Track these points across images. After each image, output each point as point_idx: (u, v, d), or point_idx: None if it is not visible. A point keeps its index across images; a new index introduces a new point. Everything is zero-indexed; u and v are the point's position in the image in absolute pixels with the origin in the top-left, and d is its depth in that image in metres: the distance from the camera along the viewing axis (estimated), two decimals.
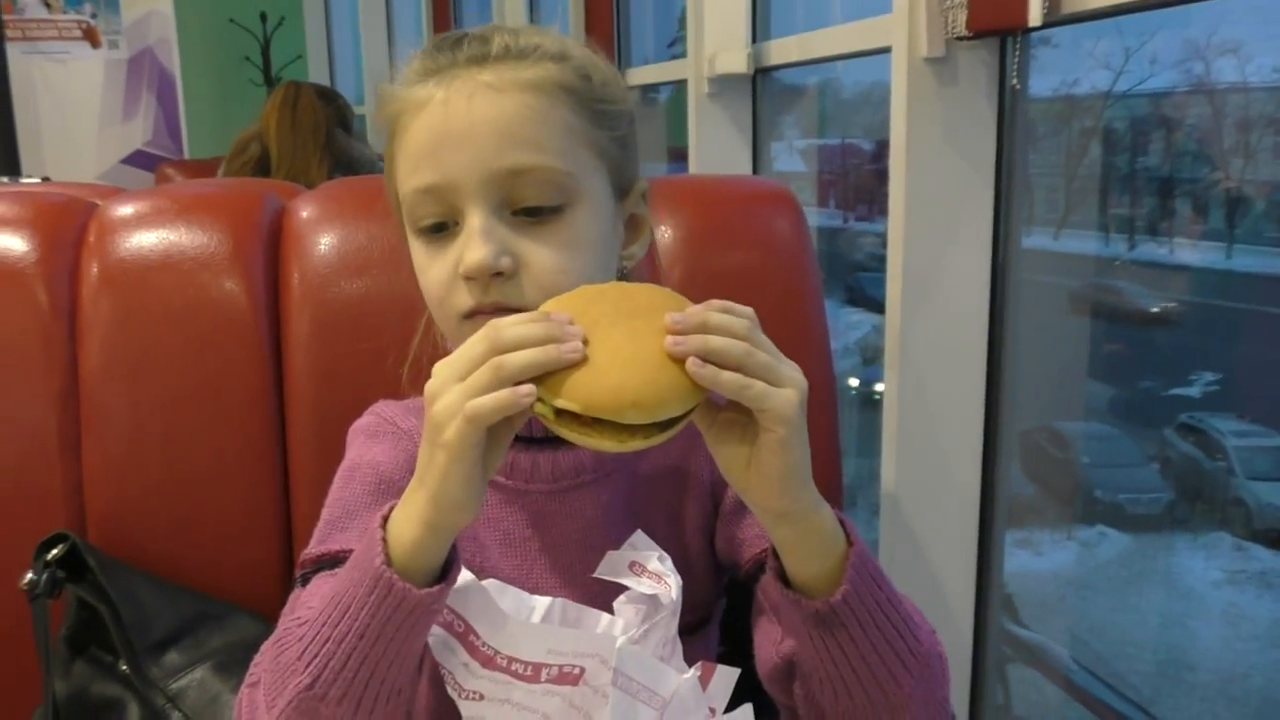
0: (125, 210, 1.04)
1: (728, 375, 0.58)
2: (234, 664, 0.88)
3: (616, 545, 0.73)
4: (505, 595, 0.67)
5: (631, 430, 0.58)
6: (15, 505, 0.97)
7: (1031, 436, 2.19)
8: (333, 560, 0.71)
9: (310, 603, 0.67)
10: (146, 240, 1.01)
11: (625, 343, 0.59)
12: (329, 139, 2.15)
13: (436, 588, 0.60)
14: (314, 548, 0.73)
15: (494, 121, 0.68)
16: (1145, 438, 2.34)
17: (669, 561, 0.69)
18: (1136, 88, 2.15)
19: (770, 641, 0.72)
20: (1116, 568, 2.27)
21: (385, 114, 0.74)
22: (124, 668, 0.86)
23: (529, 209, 0.69)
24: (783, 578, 0.65)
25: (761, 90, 2.23)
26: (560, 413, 0.58)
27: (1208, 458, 2.22)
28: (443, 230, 0.70)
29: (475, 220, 0.68)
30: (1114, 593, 2.25)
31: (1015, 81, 1.34)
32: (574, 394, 0.57)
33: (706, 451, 0.76)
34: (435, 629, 0.66)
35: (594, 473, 0.76)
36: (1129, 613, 2.20)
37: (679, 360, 0.58)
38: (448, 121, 0.69)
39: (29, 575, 0.87)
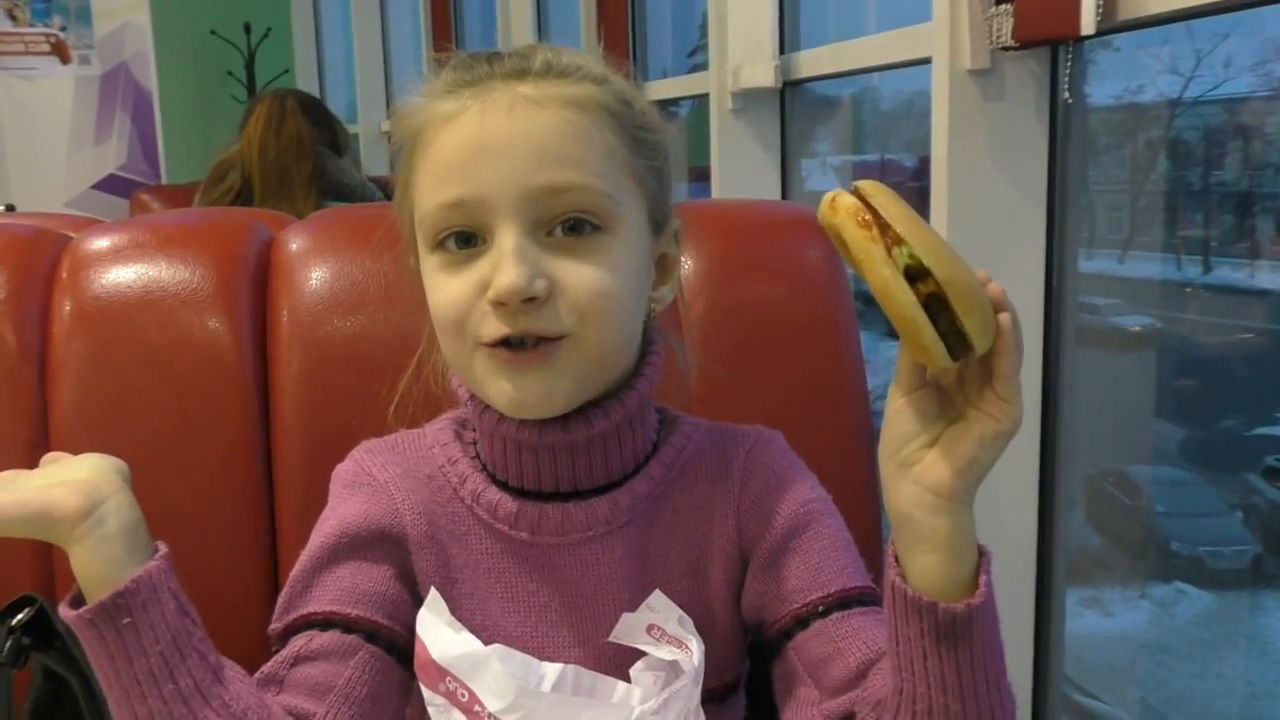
0: (101, 243, 1.07)
1: (1021, 352, 0.63)
2: None
3: (632, 602, 0.75)
4: (512, 661, 0.69)
5: (940, 337, 0.62)
6: None
7: (1097, 483, 2.19)
8: (305, 623, 0.74)
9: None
10: (124, 275, 1.04)
11: (962, 260, 0.63)
12: (318, 167, 2.13)
13: (89, 604, 0.65)
14: (278, 619, 0.76)
15: (534, 136, 0.70)
16: (1226, 483, 2.33)
17: (690, 624, 0.71)
18: (1209, 93, 2.17)
19: (808, 703, 0.73)
20: (1197, 630, 2.26)
21: (406, 126, 0.75)
22: None
23: (566, 228, 0.71)
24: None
25: (791, 104, 2.26)
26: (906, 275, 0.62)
27: None
28: (466, 247, 0.72)
29: (508, 240, 0.69)
30: (1195, 658, 2.23)
31: (1067, 94, 1.36)
32: (943, 263, 0.61)
33: (734, 501, 0.79)
34: (436, 699, 0.68)
35: (608, 524, 0.77)
36: (1213, 681, 2.19)
37: (997, 307, 0.63)
38: (484, 133, 0.71)
39: None
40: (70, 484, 0.67)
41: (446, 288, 0.72)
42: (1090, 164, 1.74)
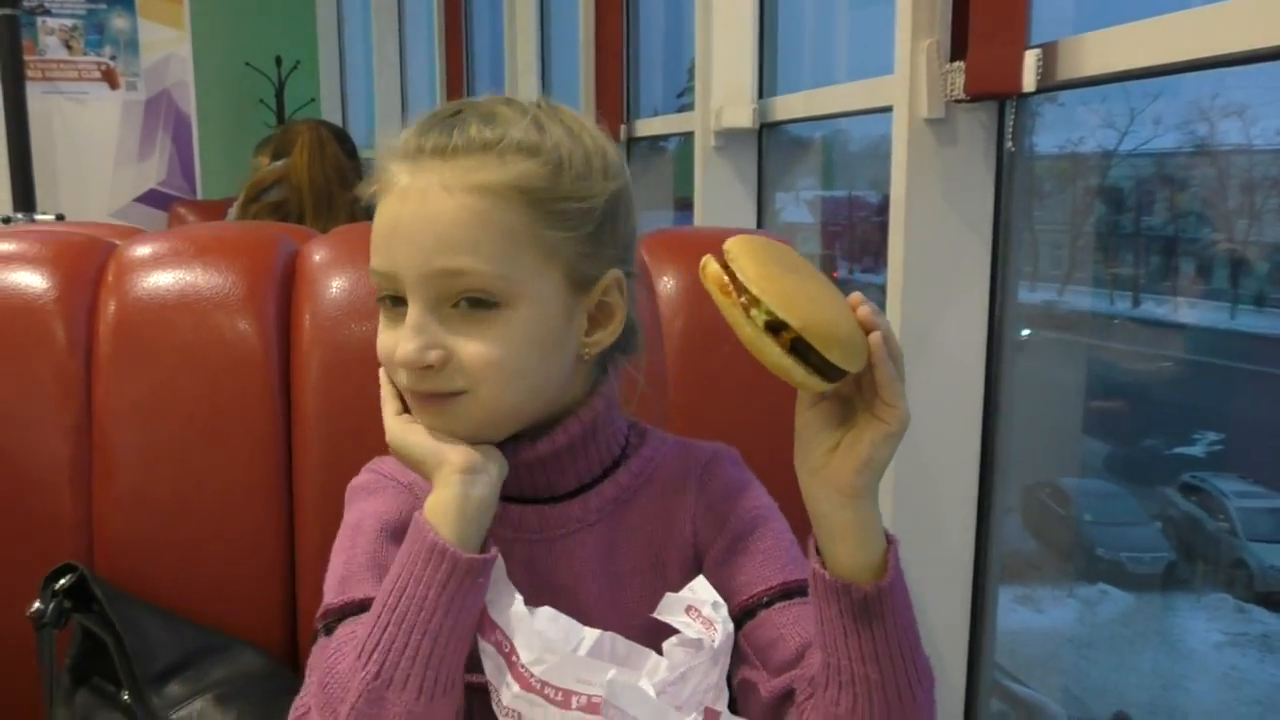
0: (143, 251, 1.08)
1: (895, 362, 0.66)
2: (234, 695, 0.90)
3: (601, 590, 0.78)
4: (557, 623, 0.70)
5: (813, 370, 0.64)
6: (26, 535, 1.00)
7: (1034, 492, 2.21)
8: (358, 607, 0.73)
9: (343, 646, 0.70)
10: (163, 280, 1.05)
11: (826, 292, 0.65)
12: (355, 191, 2.15)
13: (487, 553, 0.69)
14: (335, 598, 0.75)
15: (437, 223, 0.71)
16: (1148, 496, 2.35)
17: (724, 610, 0.72)
18: (1141, 147, 2.19)
19: (756, 683, 0.75)
20: (1117, 626, 2.28)
21: (373, 180, 0.77)
22: (126, 697, 0.88)
23: (468, 302, 0.71)
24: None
25: (767, 143, 2.28)
26: (766, 330, 0.64)
27: (1210, 518, 2.23)
28: (398, 303, 0.74)
29: (411, 314, 0.72)
30: (1114, 652, 2.25)
31: (1010, 144, 1.38)
32: (795, 312, 0.63)
33: (690, 508, 0.81)
34: (487, 647, 0.69)
35: (579, 523, 0.79)
36: (1129, 672, 2.20)
37: (865, 327, 0.65)
38: (401, 214, 0.72)
39: (36, 604, 0.89)
40: (463, 448, 0.72)
41: (381, 336, 0.75)
42: (1035, 206, 1.76)
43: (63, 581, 0.90)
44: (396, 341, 0.72)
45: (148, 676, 0.89)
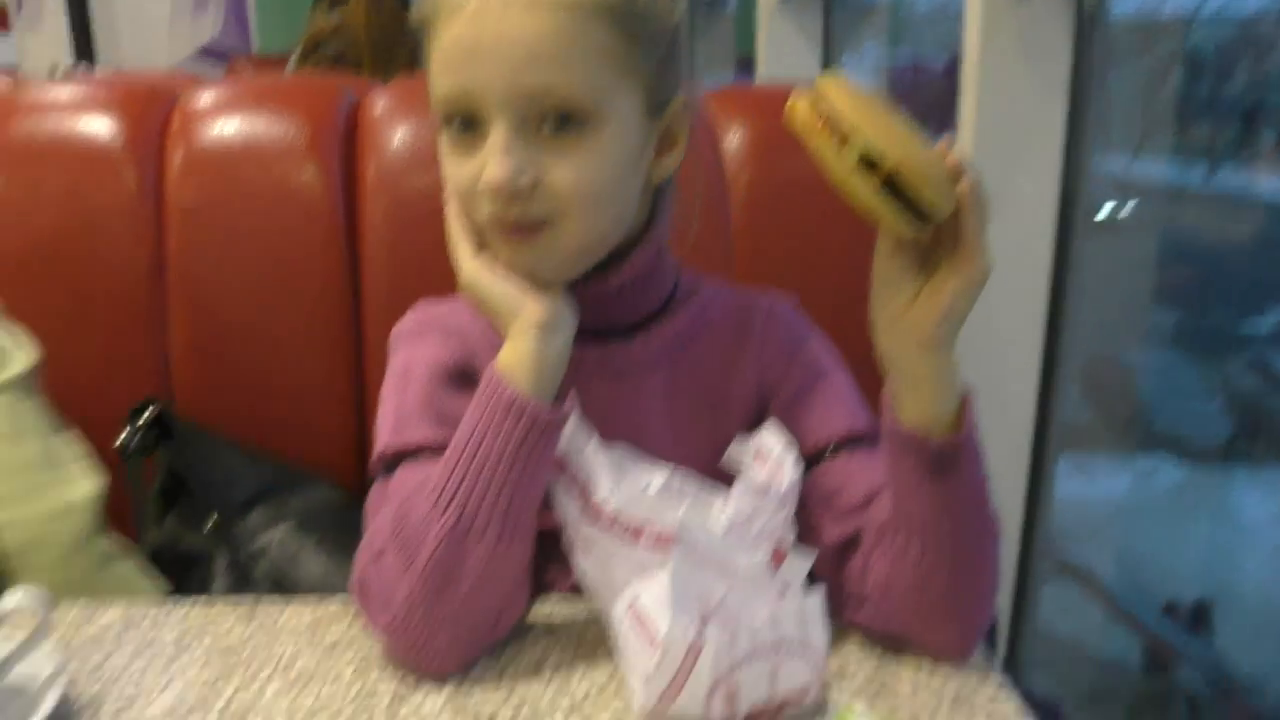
0: (207, 100, 1.09)
1: (983, 212, 0.65)
2: (312, 525, 0.95)
3: (664, 429, 0.79)
4: (629, 462, 0.71)
5: (903, 212, 0.64)
6: (110, 374, 1.04)
7: (1095, 363, 2.19)
8: (414, 452, 0.74)
9: (405, 489, 0.71)
10: (228, 129, 1.06)
11: (916, 134, 0.64)
12: (414, 43, 2.12)
13: (563, 406, 0.69)
14: (391, 441, 0.75)
15: (523, 39, 0.67)
16: (1210, 370, 2.33)
17: (793, 456, 0.73)
18: (1224, 10, 2.10)
19: (820, 527, 0.76)
20: (1171, 498, 2.28)
21: (423, 9, 0.73)
22: (210, 524, 0.94)
23: (554, 123, 0.69)
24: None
25: (834, 1, 2.21)
26: (860, 166, 0.63)
27: (1273, 393, 2.21)
28: (469, 130, 0.71)
29: (497, 136, 0.69)
30: (1167, 524, 2.27)
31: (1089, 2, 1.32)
32: (892, 149, 0.62)
33: (755, 356, 0.81)
34: (560, 485, 0.71)
35: (641, 363, 0.79)
36: (1180, 544, 2.22)
37: (954, 174, 0.64)
38: (479, 32, 0.68)
39: (123, 435, 0.94)
40: (540, 301, 0.71)
41: (452, 167, 0.72)
42: (1110, 71, 1.70)
43: (146, 415, 0.94)
44: (477, 169, 0.70)
45: (230, 505, 0.94)
